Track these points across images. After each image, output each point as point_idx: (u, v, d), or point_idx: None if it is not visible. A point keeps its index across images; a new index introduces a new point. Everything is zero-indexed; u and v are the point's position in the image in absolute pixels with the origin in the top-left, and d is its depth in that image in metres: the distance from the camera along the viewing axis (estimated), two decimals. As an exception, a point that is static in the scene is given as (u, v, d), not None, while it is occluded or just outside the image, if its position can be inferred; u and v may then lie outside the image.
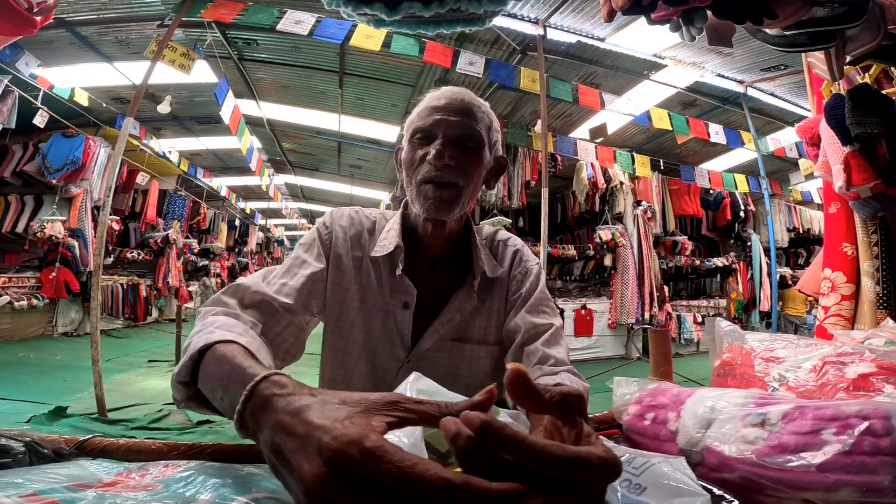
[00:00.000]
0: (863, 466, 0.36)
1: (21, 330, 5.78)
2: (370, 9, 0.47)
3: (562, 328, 0.86)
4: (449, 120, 0.81)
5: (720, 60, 4.82)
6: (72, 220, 5.89)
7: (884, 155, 1.29)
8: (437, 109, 0.82)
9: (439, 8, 0.45)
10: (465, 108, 0.82)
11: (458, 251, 0.90)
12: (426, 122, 0.82)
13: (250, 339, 0.58)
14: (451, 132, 0.81)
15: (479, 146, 0.83)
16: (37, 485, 0.38)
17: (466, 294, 0.87)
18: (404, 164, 0.85)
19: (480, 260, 0.88)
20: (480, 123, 0.83)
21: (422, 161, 0.81)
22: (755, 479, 0.41)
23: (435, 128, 0.81)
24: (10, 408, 3.14)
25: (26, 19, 1.60)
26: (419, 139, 0.82)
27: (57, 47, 4.65)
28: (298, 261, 0.85)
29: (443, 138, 0.80)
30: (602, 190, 6.54)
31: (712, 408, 0.50)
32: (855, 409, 0.39)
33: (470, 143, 0.81)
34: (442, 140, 0.79)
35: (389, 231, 0.89)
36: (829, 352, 0.57)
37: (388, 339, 0.86)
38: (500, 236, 0.98)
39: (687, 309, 7.33)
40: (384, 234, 0.89)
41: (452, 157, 0.79)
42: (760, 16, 1.02)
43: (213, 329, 0.57)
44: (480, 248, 0.89)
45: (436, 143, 0.79)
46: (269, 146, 8.35)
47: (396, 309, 0.86)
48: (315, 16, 3.52)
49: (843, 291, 1.41)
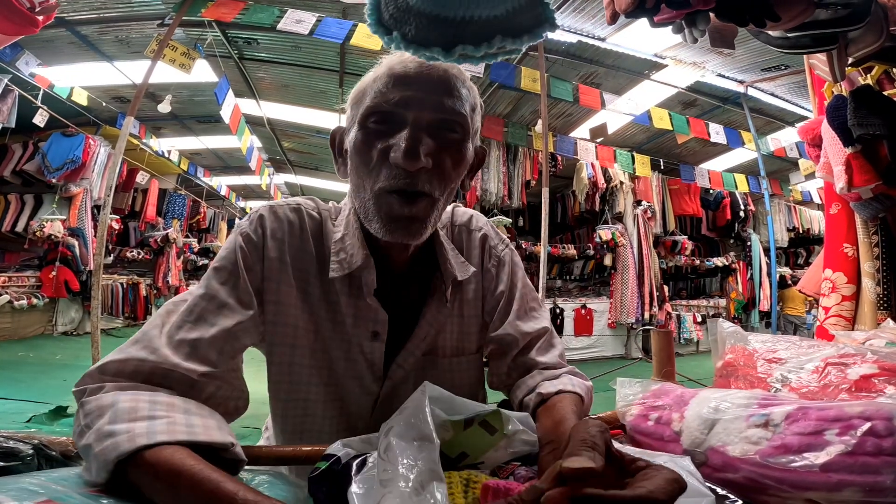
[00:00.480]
0: (865, 467, 0.37)
1: (21, 329, 5.78)
2: (429, 52, 0.50)
3: (551, 324, 0.76)
4: (424, 99, 0.57)
5: (721, 60, 4.83)
6: (72, 219, 5.89)
7: (885, 156, 1.30)
8: (404, 80, 0.58)
9: (488, 49, 0.49)
10: (446, 81, 0.59)
11: (423, 255, 0.71)
12: (388, 100, 0.58)
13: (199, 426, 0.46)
14: (427, 117, 0.57)
15: (464, 137, 0.61)
16: (51, 491, 0.38)
17: (438, 304, 0.70)
18: (354, 159, 0.61)
19: (450, 263, 0.70)
20: (465, 104, 0.60)
21: (382, 159, 0.58)
22: (759, 479, 0.42)
23: (402, 109, 0.57)
24: (11, 407, 3.14)
25: (28, 18, 1.60)
26: (376, 124, 0.59)
27: (57, 46, 4.65)
28: (215, 302, 0.58)
29: (414, 126, 0.56)
30: (602, 189, 6.55)
31: (716, 409, 0.51)
32: (858, 410, 0.40)
33: (453, 132, 0.60)
34: (413, 128, 0.56)
35: (347, 238, 0.67)
36: (831, 353, 0.58)
37: (355, 373, 0.67)
38: (458, 220, 0.77)
39: (686, 309, 7.34)
40: (339, 243, 0.67)
41: (429, 154, 0.56)
42: (763, 18, 1.03)
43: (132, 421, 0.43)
44: (448, 250, 0.71)
45: (404, 134, 0.56)
46: (269, 145, 8.34)
47: (362, 341, 0.66)
48: (316, 15, 3.52)
49: (844, 292, 1.41)
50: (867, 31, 1.24)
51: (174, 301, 0.62)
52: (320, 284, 0.67)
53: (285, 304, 0.64)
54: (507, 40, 0.52)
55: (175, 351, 0.53)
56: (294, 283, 0.65)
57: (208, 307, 0.58)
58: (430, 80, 0.59)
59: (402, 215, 0.58)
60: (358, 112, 0.61)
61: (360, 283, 0.66)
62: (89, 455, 0.43)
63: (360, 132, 0.60)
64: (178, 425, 0.44)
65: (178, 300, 0.62)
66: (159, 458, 0.41)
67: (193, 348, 0.54)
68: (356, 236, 0.66)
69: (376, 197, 0.59)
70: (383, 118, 0.58)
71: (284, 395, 0.67)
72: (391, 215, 0.58)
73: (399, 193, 0.57)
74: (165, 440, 0.42)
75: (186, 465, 0.40)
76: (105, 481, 0.41)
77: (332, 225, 0.70)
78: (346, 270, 0.65)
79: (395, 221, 0.58)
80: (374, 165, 0.58)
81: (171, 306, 0.60)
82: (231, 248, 0.64)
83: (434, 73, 0.59)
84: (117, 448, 0.41)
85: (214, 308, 0.58)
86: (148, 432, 0.42)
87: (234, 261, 0.62)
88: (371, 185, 0.59)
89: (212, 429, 0.47)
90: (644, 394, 0.64)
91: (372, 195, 0.59)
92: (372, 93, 0.60)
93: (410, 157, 0.55)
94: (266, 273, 0.64)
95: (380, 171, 0.58)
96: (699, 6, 0.95)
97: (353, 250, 0.65)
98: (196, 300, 0.59)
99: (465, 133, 0.61)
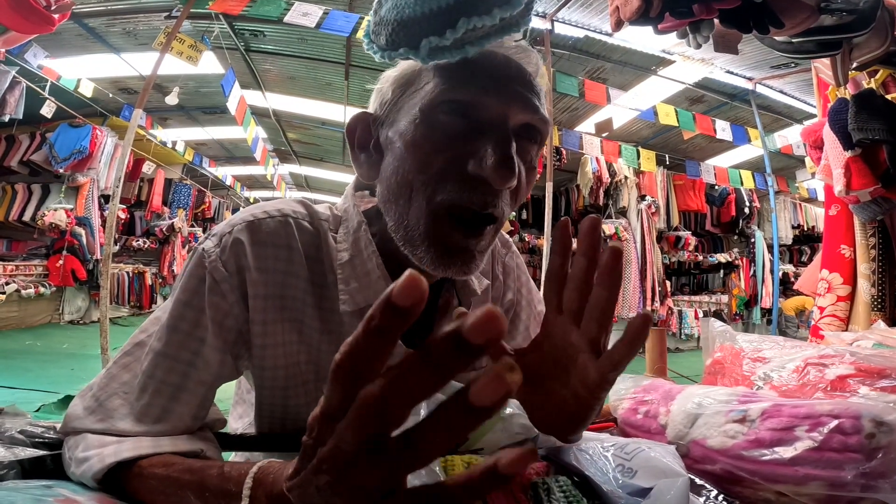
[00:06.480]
0: (830, 462, 0.40)
1: (28, 318, 5.86)
2: (398, 55, 0.47)
3: None
4: (517, 93, 0.45)
5: (729, 57, 4.78)
6: (79, 208, 5.96)
7: (884, 160, 1.31)
8: (490, 71, 0.45)
9: (453, 34, 0.43)
10: (524, 72, 0.47)
11: None
12: (473, 91, 0.44)
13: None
14: (519, 116, 0.45)
15: (540, 150, 0.50)
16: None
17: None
18: (403, 157, 0.46)
19: (472, 287, 0.61)
20: (544, 99, 0.49)
21: (453, 165, 0.44)
22: (734, 471, 0.45)
23: (495, 101, 0.44)
24: (20, 396, 3.18)
25: (45, 17, 1.62)
26: (450, 115, 0.44)
27: (65, 38, 4.66)
28: (184, 358, 0.48)
29: (504, 127, 0.44)
30: (606, 184, 6.54)
31: (699, 404, 0.54)
32: (827, 409, 0.43)
33: (534, 141, 0.48)
34: (504, 131, 0.44)
35: (358, 263, 0.53)
36: (812, 353, 0.61)
37: None
38: None
39: (688, 304, 7.35)
40: (347, 267, 0.53)
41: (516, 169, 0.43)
42: (767, 25, 1.04)
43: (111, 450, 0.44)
44: None
45: (494, 138, 0.43)
46: (274, 136, 8.36)
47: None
48: (322, 8, 3.52)
49: (840, 293, 1.44)
50: (872, 37, 1.25)
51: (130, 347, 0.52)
52: (319, 314, 0.54)
53: (279, 345, 0.53)
54: (474, 18, 0.41)
55: (139, 421, 0.47)
56: (287, 317, 0.53)
57: (174, 368, 0.48)
58: (520, 71, 0.47)
59: (465, 248, 0.45)
60: (414, 98, 0.47)
61: None
62: (78, 479, 0.46)
63: (424, 124, 0.45)
64: (143, 441, 0.45)
65: (134, 345, 0.52)
66: (142, 465, 0.43)
67: (163, 413, 0.47)
68: (374, 262, 0.53)
69: (433, 215, 0.45)
70: (464, 110, 0.44)
71: (278, 429, 0.58)
72: (449, 245, 0.45)
73: (465, 215, 0.44)
74: (130, 456, 0.43)
75: (168, 460, 0.43)
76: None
77: (333, 240, 0.55)
78: (362, 304, 0.52)
79: (453, 255, 0.45)
80: (438, 172, 0.44)
81: (128, 357, 0.51)
82: (194, 290, 0.50)
83: (513, 60, 0.47)
84: (91, 469, 0.43)
85: (182, 370, 0.48)
86: (116, 451, 0.44)
87: (201, 307, 0.49)
88: (427, 197, 0.45)
89: (180, 440, 0.47)
90: (635, 388, 0.67)
91: (427, 212, 0.45)
92: (440, 74, 0.45)
93: (507, 169, 0.41)
94: (251, 315, 0.51)
95: (445, 182, 0.44)
96: (703, 15, 0.96)
97: (370, 277, 0.53)
98: (157, 358, 0.48)
99: (542, 147, 0.50)
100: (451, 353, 0.18)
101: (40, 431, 0.54)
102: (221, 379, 0.52)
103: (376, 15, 0.52)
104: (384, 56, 0.48)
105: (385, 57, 0.47)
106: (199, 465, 0.41)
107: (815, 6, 1.07)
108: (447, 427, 0.20)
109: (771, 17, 0.99)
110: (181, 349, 0.49)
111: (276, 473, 0.33)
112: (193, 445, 0.48)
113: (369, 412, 0.20)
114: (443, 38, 0.42)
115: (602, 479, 0.44)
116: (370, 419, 0.21)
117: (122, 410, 0.47)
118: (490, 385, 0.18)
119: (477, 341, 0.18)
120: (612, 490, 0.42)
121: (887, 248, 1.43)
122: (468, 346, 0.18)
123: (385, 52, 0.48)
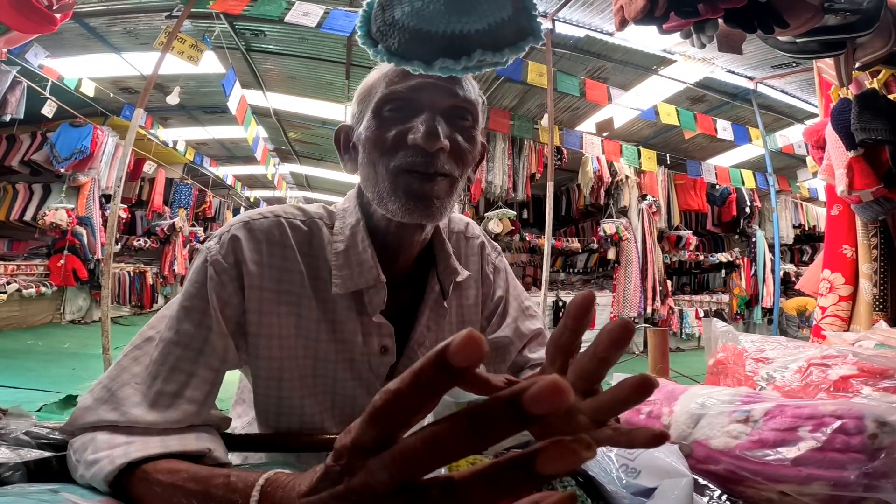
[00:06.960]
0: (833, 462, 0.40)
1: (29, 317, 5.86)
2: (410, 64, 0.51)
3: (543, 325, 0.80)
4: (437, 84, 0.57)
5: (730, 56, 4.77)
6: (80, 208, 5.96)
7: (886, 160, 1.31)
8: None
9: (468, 62, 0.49)
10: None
11: (424, 255, 0.69)
12: (402, 87, 0.57)
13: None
14: (442, 101, 0.58)
15: (475, 124, 0.62)
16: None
17: (436, 308, 0.68)
18: (367, 148, 0.59)
19: (451, 261, 0.69)
20: (473, 92, 0.61)
21: (399, 142, 0.57)
22: (738, 471, 0.45)
23: (417, 94, 0.57)
24: (22, 396, 3.18)
25: (46, 17, 1.62)
26: (391, 111, 0.58)
27: (65, 38, 4.67)
28: (191, 349, 0.53)
29: (430, 110, 0.57)
30: (607, 184, 6.53)
31: (702, 404, 0.54)
32: (830, 409, 0.43)
33: (465, 118, 0.60)
34: (430, 112, 0.56)
35: (353, 252, 0.62)
36: (814, 354, 0.61)
37: (364, 388, 0.64)
38: (455, 227, 0.77)
39: (689, 304, 7.34)
40: (342, 256, 0.62)
41: (447, 136, 0.56)
42: (772, 25, 1.04)
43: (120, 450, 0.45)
44: (450, 249, 0.70)
45: (422, 117, 0.56)
46: (274, 136, 8.36)
47: (371, 358, 0.64)
48: (323, 8, 3.52)
49: (841, 293, 1.43)
50: (875, 37, 1.24)
51: (139, 341, 0.56)
52: (317, 304, 0.62)
53: (274, 337, 0.59)
54: (488, 54, 0.52)
55: (151, 408, 0.50)
56: (283, 311, 0.60)
57: (184, 355, 0.53)
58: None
59: (423, 193, 0.56)
60: (368, 105, 0.60)
61: (375, 303, 0.62)
62: (87, 482, 0.47)
63: (375, 121, 0.59)
64: (152, 440, 0.47)
65: (143, 340, 0.56)
66: (147, 469, 0.44)
67: (174, 399, 0.51)
68: (367, 248, 0.62)
69: (393, 176, 0.57)
70: (399, 105, 0.58)
71: (273, 423, 0.63)
72: (410, 192, 0.56)
73: (417, 173, 0.56)
74: (139, 456, 0.45)
75: (173, 466, 0.44)
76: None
77: (330, 233, 0.65)
78: (353, 288, 0.61)
79: (414, 199, 0.56)
80: (390, 148, 0.57)
81: (138, 351, 0.55)
82: (200, 282, 0.57)
83: None
84: (102, 471, 0.44)
85: (192, 356, 0.53)
86: (125, 452, 0.45)
87: (206, 298, 0.56)
88: (385, 166, 0.57)
89: (188, 439, 0.49)
90: (637, 390, 0.67)
91: (388, 174, 0.57)
92: (384, 84, 0.59)
93: (431, 136, 0.54)
94: (247, 305, 0.58)
95: (395, 153, 0.57)
96: (707, 15, 0.96)
97: (363, 266, 0.61)
98: (168, 346, 0.53)
99: (475, 121, 0.62)
100: (503, 421, 0.18)
101: (45, 433, 0.54)
102: (227, 364, 0.56)
103: (385, 13, 0.53)
104: (391, 61, 0.53)
105: (392, 62, 0.53)
106: (205, 474, 0.41)
107: (820, 6, 1.07)
108: (500, 487, 0.19)
109: (776, 16, 0.99)
110: (192, 337, 0.54)
111: (285, 488, 0.32)
112: (201, 445, 0.49)
113: (407, 461, 0.21)
114: (457, 63, 0.51)
115: (606, 479, 0.44)
116: (406, 468, 0.21)
117: (134, 398, 0.50)
118: (562, 458, 0.18)
119: (537, 412, 0.17)
120: (615, 490, 0.43)
121: (889, 247, 1.43)
122: (526, 415, 0.17)
123: (394, 59, 0.52)
